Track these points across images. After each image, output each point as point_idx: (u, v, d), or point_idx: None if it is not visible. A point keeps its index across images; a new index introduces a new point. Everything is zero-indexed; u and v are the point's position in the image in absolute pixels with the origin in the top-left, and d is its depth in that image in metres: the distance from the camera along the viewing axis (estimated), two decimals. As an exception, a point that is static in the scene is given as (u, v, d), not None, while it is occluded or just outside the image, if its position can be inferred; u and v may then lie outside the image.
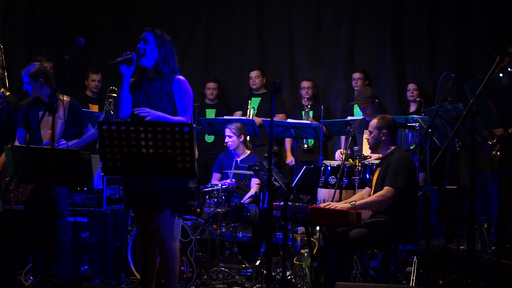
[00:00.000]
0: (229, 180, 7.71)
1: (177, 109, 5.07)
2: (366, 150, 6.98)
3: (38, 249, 6.27)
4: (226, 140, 7.98)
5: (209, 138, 9.43)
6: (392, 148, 5.99)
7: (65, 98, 6.41)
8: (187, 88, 5.12)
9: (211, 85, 9.71)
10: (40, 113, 6.29)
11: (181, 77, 5.14)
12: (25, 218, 6.44)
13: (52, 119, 4.61)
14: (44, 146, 5.90)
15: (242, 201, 7.46)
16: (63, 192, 6.30)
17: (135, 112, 5.03)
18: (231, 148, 7.96)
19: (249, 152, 8.07)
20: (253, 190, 7.80)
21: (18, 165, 5.41)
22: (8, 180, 5.93)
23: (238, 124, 8.01)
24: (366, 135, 6.30)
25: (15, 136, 6.45)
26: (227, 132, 7.94)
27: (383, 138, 5.97)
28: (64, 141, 6.18)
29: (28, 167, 5.42)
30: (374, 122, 6.05)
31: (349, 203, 5.73)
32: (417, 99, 8.64)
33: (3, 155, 6.01)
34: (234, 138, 7.90)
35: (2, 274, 4.84)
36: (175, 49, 5.21)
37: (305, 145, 9.13)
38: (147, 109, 4.99)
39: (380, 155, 6.16)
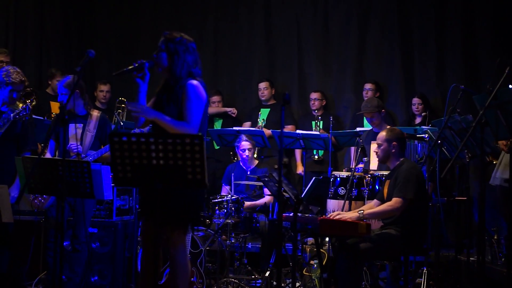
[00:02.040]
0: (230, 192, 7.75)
1: (183, 114, 4.89)
2: (374, 162, 6.99)
3: (52, 258, 6.30)
4: (246, 154, 7.96)
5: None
6: (401, 159, 5.99)
7: (96, 112, 6.48)
8: (194, 94, 4.90)
9: (215, 98, 9.73)
10: (71, 125, 6.32)
11: (193, 82, 4.92)
12: (44, 225, 6.47)
13: (63, 131, 4.63)
14: (55, 158, 5.94)
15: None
16: (89, 204, 6.33)
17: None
18: (246, 160, 7.97)
19: (257, 163, 8.10)
20: (264, 200, 7.79)
21: (29, 176, 5.44)
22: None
23: (250, 137, 8.06)
24: (374, 148, 6.29)
25: (26, 148, 6.51)
26: (247, 145, 7.95)
27: (393, 151, 5.96)
28: (92, 152, 6.26)
29: (39, 178, 5.45)
30: (382, 134, 6.04)
31: (357, 212, 5.73)
32: (423, 113, 8.65)
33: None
34: (253, 150, 7.96)
35: (13, 284, 4.85)
36: (195, 51, 5.06)
37: (316, 156, 9.14)
38: (145, 107, 4.87)
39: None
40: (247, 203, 7.60)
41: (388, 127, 6.96)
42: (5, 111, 6.42)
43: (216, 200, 7.27)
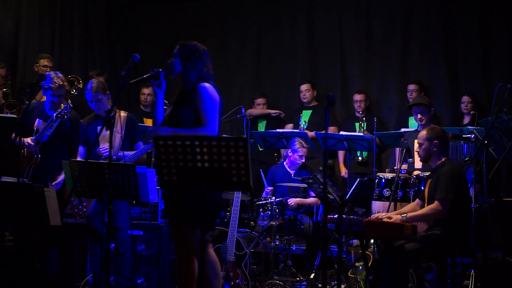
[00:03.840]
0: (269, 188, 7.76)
1: (199, 118, 4.95)
2: (419, 162, 6.93)
3: (98, 261, 6.39)
4: (302, 160, 7.94)
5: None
6: (443, 159, 5.90)
7: (123, 113, 6.55)
8: (207, 95, 4.95)
9: (260, 100, 9.76)
10: (99, 128, 6.45)
11: (205, 84, 4.99)
12: (88, 231, 6.58)
13: (110, 134, 4.68)
14: (101, 161, 6.01)
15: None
16: (124, 205, 6.41)
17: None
18: (298, 164, 7.96)
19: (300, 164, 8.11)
20: (312, 200, 7.76)
21: (76, 180, 5.52)
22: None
23: (306, 142, 8.07)
24: (416, 148, 6.23)
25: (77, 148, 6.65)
26: (305, 152, 7.95)
27: (434, 149, 5.88)
28: (122, 152, 6.31)
29: (86, 181, 5.52)
30: (423, 133, 5.97)
31: (400, 214, 5.67)
32: (471, 112, 8.55)
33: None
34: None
35: (62, 286, 4.93)
36: (207, 56, 5.13)
37: (360, 158, 9.09)
38: (159, 130, 4.92)
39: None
40: (295, 200, 7.58)
41: (430, 125, 6.88)
42: (51, 115, 6.56)
43: (260, 202, 7.27)
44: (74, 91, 8.54)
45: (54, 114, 6.47)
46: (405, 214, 5.66)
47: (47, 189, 5.61)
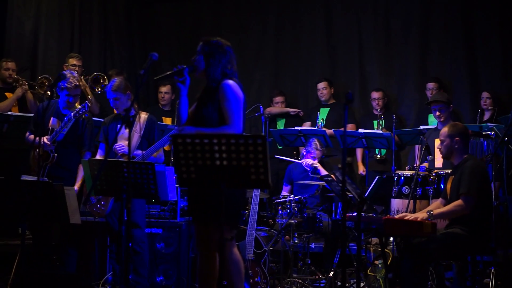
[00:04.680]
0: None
1: (223, 116, 4.90)
2: (438, 160, 6.89)
3: (117, 260, 6.42)
4: (313, 162, 7.95)
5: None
6: (465, 156, 5.87)
7: (143, 114, 6.58)
8: (231, 93, 4.89)
9: (278, 99, 9.75)
10: (118, 126, 6.48)
11: (228, 82, 4.93)
12: (106, 230, 6.61)
13: (129, 133, 4.69)
14: (120, 160, 6.04)
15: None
16: (139, 203, 6.43)
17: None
18: (309, 164, 7.97)
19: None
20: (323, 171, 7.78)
21: (96, 178, 5.54)
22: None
23: (322, 145, 8.06)
24: (437, 145, 6.19)
25: (83, 148, 6.71)
26: (319, 154, 7.96)
27: (456, 146, 5.85)
28: (138, 151, 6.34)
29: (105, 179, 5.54)
30: (445, 130, 5.94)
31: (426, 212, 5.64)
32: (490, 108, 8.48)
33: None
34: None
35: (81, 284, 4.96)
36: (231, 52, 5.05)
37: (378, 155, 9.05)
38: (184, 129, 4.91)
39: None
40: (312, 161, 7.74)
41: (451, 122, 6.84)
42: (66, 113, 6.58)
43: (279, 200, 7.27)
44: (100, 89, 8.56)
45: (72, 114, 6.50)
46: (431, 211, 5.63)
47: (67, 187, 5.64)
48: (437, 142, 6.23)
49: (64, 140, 6.62)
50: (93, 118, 7.15)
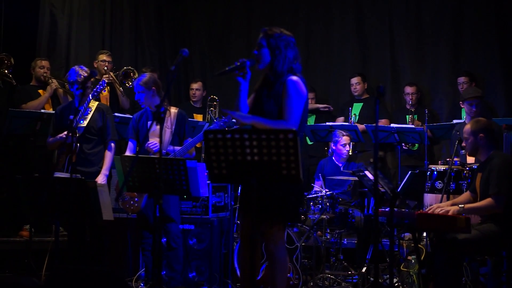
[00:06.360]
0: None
1: (282, 111, 4.83)
2: (470, 155, 6.80)
3: (150, 256, 6.45)
4: (347, 149, 7.92)
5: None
6: (491, 152, 5.76)
7: (173, 109, 6.59)
8: (295, 90, 4.84)
9: (309, 95, 9.69)
10: (149, 123, 6.51)
11: (293, 78, 4.86)
12: (138, 225, 6.64)
13: (160, 129, 4.70)
14: (152, 156, 6.06)
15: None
16: (174, 199, 6.45)
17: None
18: (345, 155, 7.93)
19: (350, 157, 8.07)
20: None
21: (128, 175, 5.57)
22: (119, 190, 6.14)
23: (345, 130, 8.02)
24: (463, 143, 6.09)
25: (107, 138, 6.74)
26: (347, 140, 7.94)
27: (481, 143, 5.75)
28: (172, 147, 6.36)
29: (137, 176, 5.57)
30: (468, 127, 5.83)
31: (458, 205, 5.57)
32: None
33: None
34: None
35: (115, 279, 4.99)
36: (295, 46, 4.99)
37: (409, 144, 8.88)
38: (240, 115, 4.84)
39: None
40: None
41: (475, 118, 6.74)
42: (81, 109, 6.58)
43: (311, 196, 7.24)
44: (130, 83, 8.60)
45: (90, 94, 6.54)
46: (463, 205, 5.56)
47: (100, 184, 5.68)
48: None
49: (86, 132, 6.64)
50: (123, 115, 7.17)
